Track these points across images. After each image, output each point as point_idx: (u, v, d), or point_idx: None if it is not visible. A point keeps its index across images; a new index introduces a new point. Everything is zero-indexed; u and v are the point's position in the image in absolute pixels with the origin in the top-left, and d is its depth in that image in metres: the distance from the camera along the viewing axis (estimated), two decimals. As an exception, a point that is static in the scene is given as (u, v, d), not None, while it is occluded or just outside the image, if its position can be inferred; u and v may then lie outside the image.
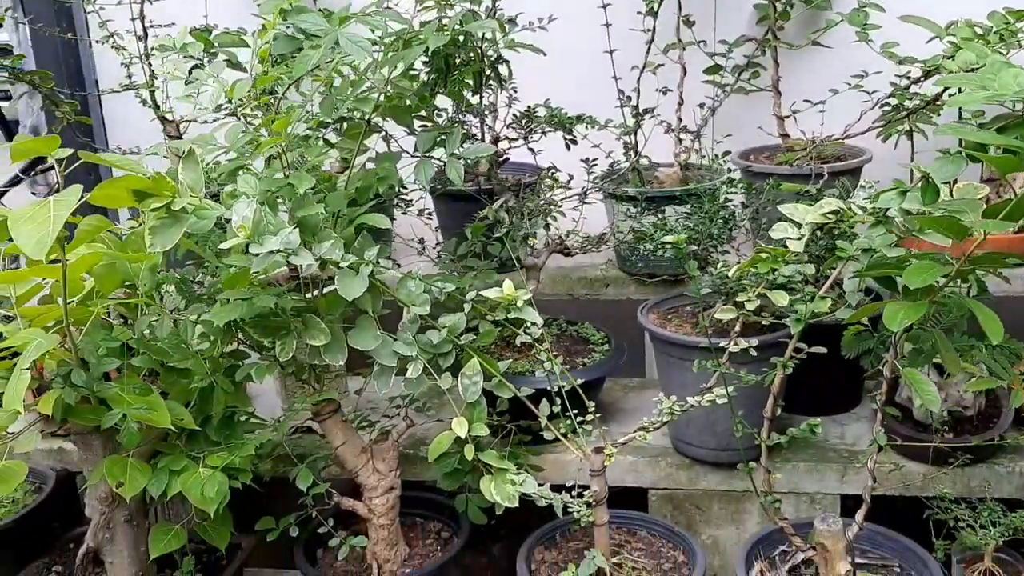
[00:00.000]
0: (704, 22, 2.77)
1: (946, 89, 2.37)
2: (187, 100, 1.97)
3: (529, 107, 2.28)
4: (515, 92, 2.32)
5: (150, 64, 2.63)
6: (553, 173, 2.29)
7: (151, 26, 2.68)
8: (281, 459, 2.11)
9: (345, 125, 1.91)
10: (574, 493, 1.82)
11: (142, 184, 1.58)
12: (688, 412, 2.04)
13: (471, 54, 2.04)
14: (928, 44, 2.45)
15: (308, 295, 1.80)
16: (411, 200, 2.33)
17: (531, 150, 2.36)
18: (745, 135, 2.76)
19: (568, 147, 2.37)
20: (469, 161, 1.92)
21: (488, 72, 2.17)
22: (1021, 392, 1.78)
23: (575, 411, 1.84)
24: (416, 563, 2.02)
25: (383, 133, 1.96)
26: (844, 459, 2.12)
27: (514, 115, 2.32)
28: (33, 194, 3.68)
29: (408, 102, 1.87)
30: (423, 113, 2.03)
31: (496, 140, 2.22)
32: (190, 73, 2.08)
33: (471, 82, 2.08)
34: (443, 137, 1.83)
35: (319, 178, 1.91)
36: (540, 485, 1.77)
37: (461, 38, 1.96)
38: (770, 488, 1.81)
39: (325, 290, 1.79)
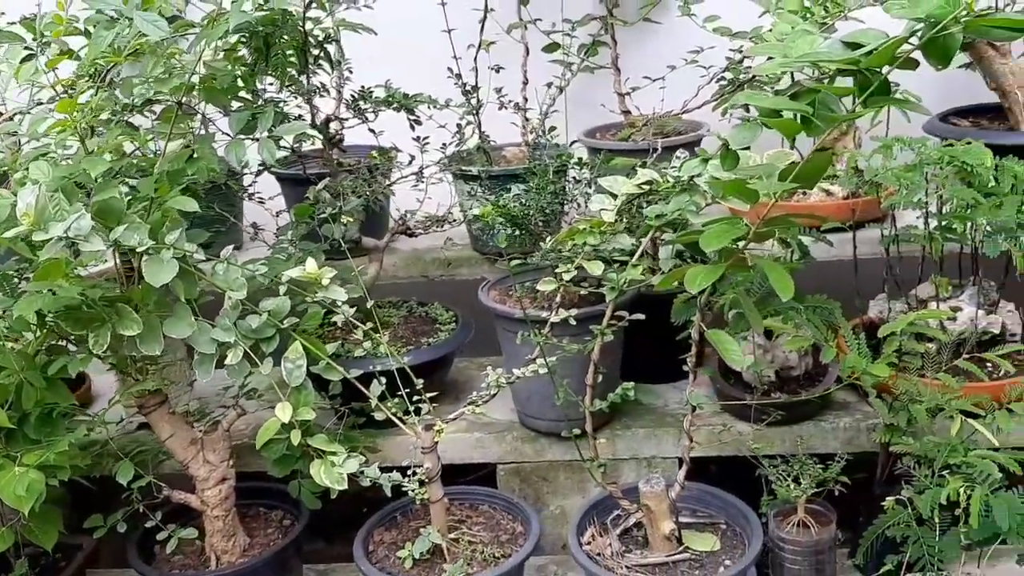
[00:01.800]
0: (556, 1, 2.81)
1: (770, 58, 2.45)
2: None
3: (363, 87, 2.26)
4: (350, 72, 2.29)
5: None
6: (391, 153, 2.27)
7: (-24, 15, 2.56)
8: (115, 456, 2.06)
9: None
10: (410, 472, 1.82)
11: (-79, 174, 1.51)
12: (529, 385, 2.07)
13: (293, 33, 2.01)
14: (761, 18, 2.52)
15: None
16: (247, 185, 2.28)
17: (372, 131, 2.34)
18: (595, 113, 2.80)
19: (412, 127, 2.36)
20: (286, 142, 1.89)
21: (317, 52, 2.15)
22: (831, 349, 1.85)
23: (407, 390, 1.84)
24: (256, 552, 1.99)
25: (199, 115, 1.91)
26: (681, 423, 2.16)
27: (351, 95, 2.30)
28: None
29: (222, 83, 1.83)
30: (246, 95, 1.99)
31: (328, 121, 2.19)
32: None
33: (296, 61, 2.05)
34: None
35: (147, 164, 1.86)
36: (367, 465, 1.76)
37: (279, 16, 1.93)
38: (596, 454, 1.84)
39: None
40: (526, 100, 2.61)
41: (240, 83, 2.00)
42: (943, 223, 2.04)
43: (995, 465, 1.72)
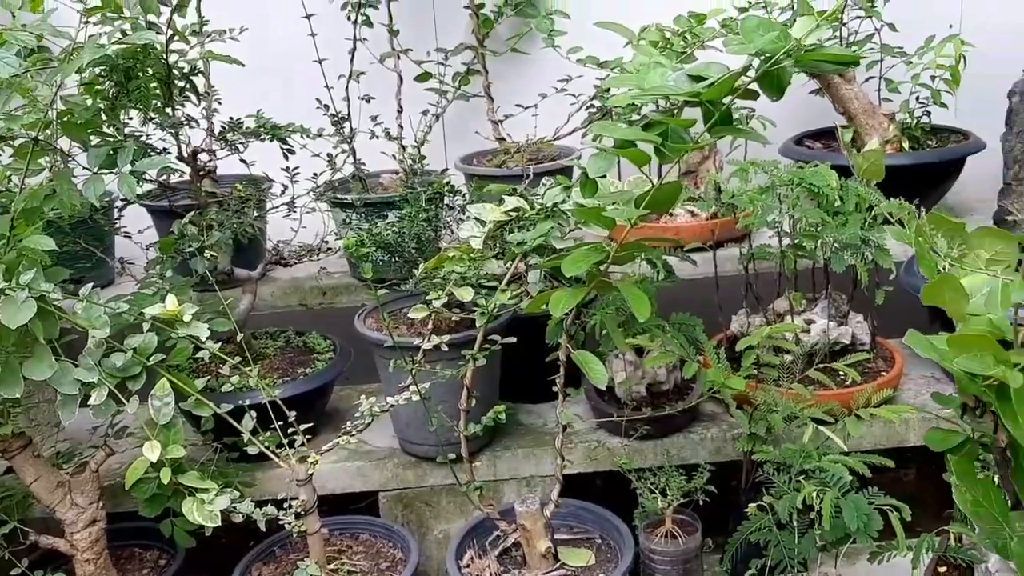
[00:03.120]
0: (430, 31, 2.86)
1: (638, 89, 2.55)
2: None
3: (231, 118, 2.25)
4: (219, 103, 2.28)
5: None
6: (263, 184, 2.26)
7: None
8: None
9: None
10: (286, 505, 1.81)
11: None
12: (408, 412, 2.09)
13: (157, 66, 1.99)
14: (626, 48, 2.62)
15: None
16: (115, 219, 2.24)
17: (243, 161, 2.33)
18: (474, 140, 2.86)
19: (286, 157, 2.36)
20: (152, 175, 1.87)
21: (183, 84, 2.13)
22: (693, 364, 1.94)
23: (281, 423, 1.83)
24: (129, 595, 1.95)
25: (58, 151, 1.87)
26: (559, 442, 2.22)
27: (222, 126, 2.29)
28: None
29: (80, 118, 1.80)
30: (108, 129, 1.96)
31: (195, 153, 2.17)
32: None
33: (160, 93, 2.03)
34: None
35: (8, 200, 1.81)
36: (241, 500, 1.74)
37: (140, 50, 1.92)
38: (473, 477, 1.87)
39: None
40: (401, 128, 2.64)
41: (103, 116, 1.97)
42: (795, 241, 2.17)
43: (846, 468, 1.83)
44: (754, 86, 1.51)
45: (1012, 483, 1.37)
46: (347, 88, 2.47)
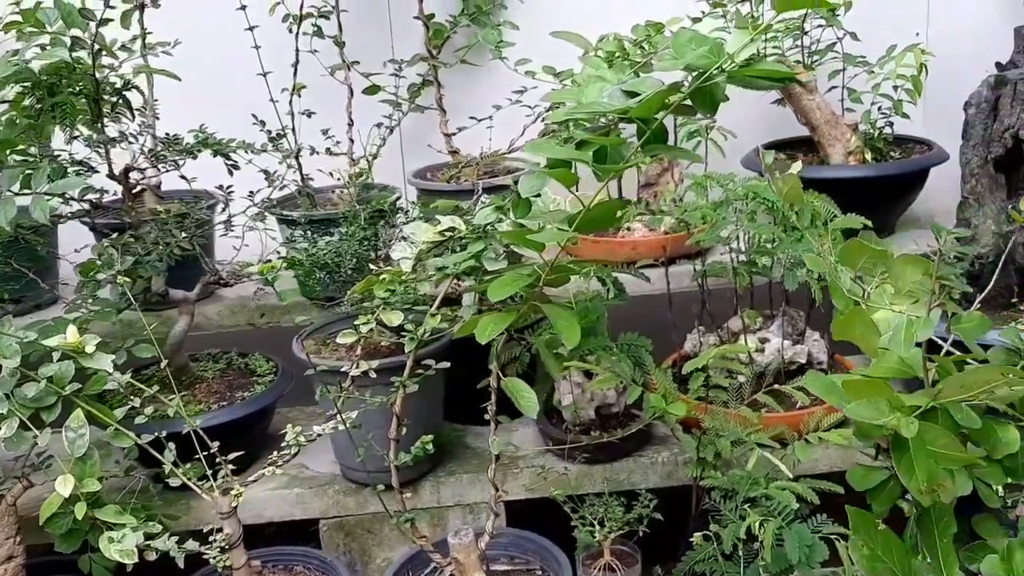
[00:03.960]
0: (386, 42, 2.80)
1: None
2: None
3: (167, 134, 2.18)
4: (157, 118, 2.21)
5: None
6: (200, 202, 2.20)
7: None
8: None
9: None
10: (211, 538, 1.74)
11: None
12: (347, 437, 2.01)
13: (85, 82, 1.93)
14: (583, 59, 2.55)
15: None
16: (43, 240, 2.17)
17: (183, 177, 2.26)
18: (431, 153, 2.79)
19: (231, 172, 2.29)
20: (63, 196, 1.80)
21: (115, 100, 2.06)
22: (636, 388, 1.87)
23: (205, 453, 1.76)
24: (51, 633, 1.87)
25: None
26: (505, 466, 2.15)
27: (159, 142, 2.22)
28: None
29: (-5, 137, 1.73)
30: (34, 148, 1.90)
31: (127, 171, 2.10)
32: None
33: (89, 110, 1.97)
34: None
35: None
36: (164, 533, 1.67)
37: (64, 66, 1.85)
38: (404, 507, 1.80)
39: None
40: (352, 142, 2.57)
41: (31, 134, 1.91)
42: (750, 257, 2.10)
43: (793, 496, 1.76)
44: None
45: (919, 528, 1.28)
46: (291, 102, 2.41)
